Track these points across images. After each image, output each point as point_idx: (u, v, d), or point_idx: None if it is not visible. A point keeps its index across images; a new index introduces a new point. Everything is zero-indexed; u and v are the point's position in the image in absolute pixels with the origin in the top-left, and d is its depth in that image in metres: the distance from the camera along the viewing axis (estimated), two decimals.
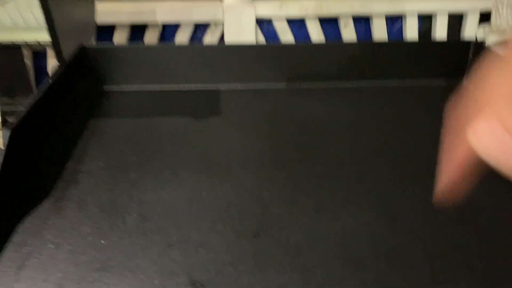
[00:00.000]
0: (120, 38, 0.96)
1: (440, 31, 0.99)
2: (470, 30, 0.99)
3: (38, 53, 0.84)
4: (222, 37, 0.98)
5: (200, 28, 0.99)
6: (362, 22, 1.00)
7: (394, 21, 1.00)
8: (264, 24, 0.99)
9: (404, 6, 0.97)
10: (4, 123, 0.55)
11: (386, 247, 0.37)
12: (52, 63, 0.93)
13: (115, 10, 0.93)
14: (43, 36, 0.70)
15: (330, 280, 0.34)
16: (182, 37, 0.98)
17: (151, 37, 0.98)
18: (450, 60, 0.66)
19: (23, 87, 0.62)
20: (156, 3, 0.97)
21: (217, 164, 0.47)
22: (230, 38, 0.97)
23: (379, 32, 0.99)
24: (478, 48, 0.65)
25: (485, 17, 0.98)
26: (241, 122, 0.56)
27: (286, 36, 0.99)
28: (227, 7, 0.95)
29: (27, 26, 0.73)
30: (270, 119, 0.56)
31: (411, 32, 0.99)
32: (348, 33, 0.99)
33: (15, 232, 0.38)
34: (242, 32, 0.98)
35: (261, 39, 0.99)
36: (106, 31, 0.93)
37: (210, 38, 0.99)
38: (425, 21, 1.00)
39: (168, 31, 1.00)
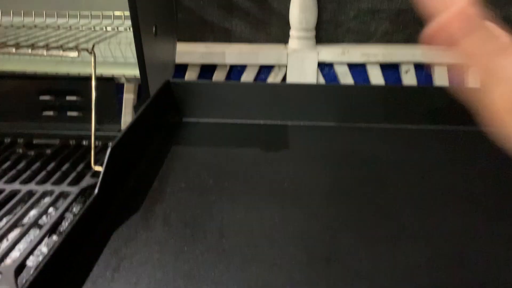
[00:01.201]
0: (191, 76, 1.04)
1: None
2: None
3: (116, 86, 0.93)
4: (284, 79, 1.04)
5: (264, 70, 1.05)
6: (423, 69, 1.02)
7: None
8: (325, 67, 1.04)
9: None
10: (95, 148, 0.62)
11: (452, 283, 0.38)
12: (128, 96, 1.02)
13: (189, 50, 1.01)
14: (129, 71, 0.79)
15: None
16: (247, 78, 1.05)
17: (219, 77, 1.05)
18: None
19: (109, 115, 0.70)
20: (226, 46, 1.05)
21: (286, 192, 0.51)
22: (292, 80, 1.02)
23: (440, 79, 1.01)
24: None
25: None
26: (307, 156, 0.59)
27: (346, 79, 1.02)
28: (291, 51, 1.01)
29: (115, 62, 0.82)
30: (332, 153, 0.59)
31: (472, 80, 1.00)
32: (409, 79, 1.02)
33: (110, 240, 0.43)
34: (304, 75, 1.03)
35: (322, 82, 1.03)
36: (179, 69, 1.01)
37: (273, 80, 1.04)
38: None
39: (235, 71, 1.07)
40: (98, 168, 0.56)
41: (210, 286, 0.37)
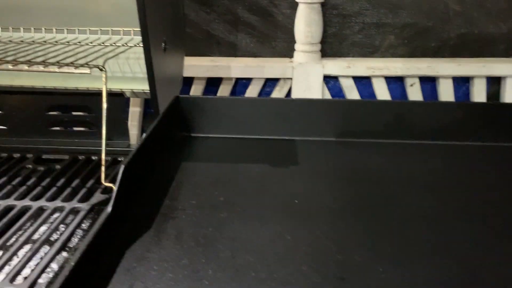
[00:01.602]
0: (196, 89, 1.04)
1: (510, 95, 0.99)
2: None
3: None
4: (289, 92, 1.04)
5: (269, 83, 1.06)
6: (429, 82, 1.02)
7: (461, 83, 1.02)
8: (330, 81, 1.05)
9: (472, 70, 0.99)
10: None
11: None
12: (134, 109, 1.03)
13: (195, 64, 1.02)
14: (138, 86, 0.79)
15: None
16: (252, 91, 1.05)
17: (224, 90, 1.06)
18: None
19: (118, 130, 0.70)
20: (232, 59, 1.06)
21: (297, 209, 0.51)
22: (298, 94, 1.03)
23: (446, 92, 1.01)
24: None
25: None
26: (315, 171, 0.59)
27: (352, 93, 1.03)
28: (296, 64, 1.02)
29: (124, 77, 0.82)
30: (341, 169, 0.60)
31: (478, 94, 1.00)
32: (414, 92, 1.02)
33: (123, 259, 0.43)
34: (309, 88, 1.04)
35: (327, 95, 1.04)
36: (185, 82, 1.02)
37: (278, 93, 1.05)
38: (494, 83, 1.01)
39: (240, 84, 1.07)
40: (108, 184, 0.56)
41: None
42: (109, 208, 0.43)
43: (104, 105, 0.56)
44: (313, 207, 0.51)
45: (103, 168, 0.58)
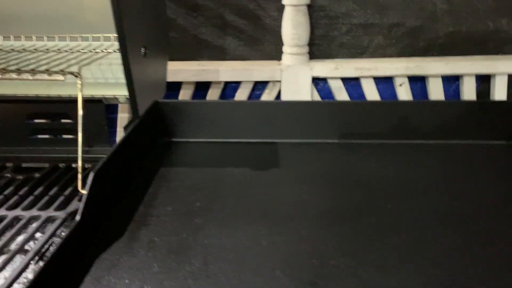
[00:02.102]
0: (185, 94, 1.04)
1: (499, 92, 0.98)
2: None
3: (110, 106, 0.93)
4: (278, 94, 1.04)
5: (258, 86, 1.05)
6: (418, 82, 1.01)
7: (451, 82, 1.01)
8: (319, 83, 1.04)
9: (461, 68, 0.98)
10: (83, 170, 0.61)
11: None
12: (123, 115, 1.02)
13: (183, 68, 1.01)
14: (120, 92, 0.79)
15: None
16: (242, 94, 1.04)
17: (213, 94, 1.05)
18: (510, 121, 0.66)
19: (99, 137, 0.69)
20: (220, 63, 1.05)
21: (276, 214, 0.50)
22: (287, 96, 1.02)
23: (435, 91, 1.00)
24: None
25: None
26: (298, 175, 0.58)
27: (341, 94, 1.02)
28: (285, 67, 1.01)
29: (106, 83, 0.82)
30: (326, 173, 0.58)
31: (468, 92, 0.99)
32: (403, 92, 1.01)
33: (93, 268, 0.42)
34: (298, 90, 1.03)
35: (317, 97, 1.03)
36: (173, 87, 1.01)
37: (268, 96, 1.04)
38: (483, 81, 1.00)
39: (229, 88, 1.06)
40: (85, 191, 0.55)
41: None
42: (77, 217, 0.42)
43: (80, 112, 0.56)
44: (294, 212, 0.50)
45: (79, 176, 0.57)
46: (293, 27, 0.97)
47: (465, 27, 0.98)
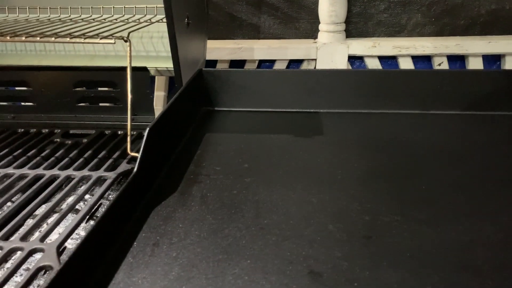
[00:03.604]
0: None
1: None
2: None
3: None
4: None
5: (293, 65, 1.05)
6: (458, 61, 0.99)
7: (492, 61, 0.99)
8: (355, 61, 1.03)
9: (503, 47, 0.96)
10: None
11: (496, 263, 0.36)
12: (159, 93, 1.03)
13: (218, 47, 1.02)
14: (163, 65, 0.80)
15: (442, 282, 0.34)
16: None
17: None
18: None
19: (144, 106, 0.70)
20: (255, 42, 1.06)
21: (323, 175, 0.50)
22: None
23: None
24: None
25: None
26: (341, 142, 0.58)
27: None
28: (320, 45, 1.00)
29: (148, 56, 0.83)
30: (368, 140, 0.58)
31: None
32: None
33: (149, 218, 0.43)
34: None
35: None
36: (208, 65, 1.02)
37: None
38: None
39: (263, 67, 1.07)
40: (134, 153, 0.57)
41: (250, 261, 0.37)
42: (135, 168, 0.43)
43: (129, 74, 0.57)
44: (340, 175, 0.50)
45: (129, 138, 0.58)
46: (330, 4, 0.97)
47: (508, 4, 0.96)
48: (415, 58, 1.00)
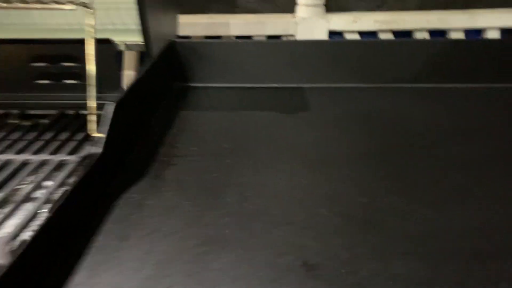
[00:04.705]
0: None
1: None
2: None
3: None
4: None
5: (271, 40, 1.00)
6: (439, 36, 0.96)
7: (474, 36, 0.96)
8: (336, 37, 0.99)
9: (486, 21, 0.93)
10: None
11: (506, 246, 0.32)
12: (128, 73, 0.96)
13: (191, 22, 0.95)
14: (133, 38, 0.73)
15: (456, 271, 0.30)
16: None
17: None
18: None
19: (110, 83, 0.64)
20: (230, 16, 1.00)
21: (313, 154, 0.46)
22: None
23: None
24: None
25: None
26: (328, 118, 0.54)
27: None
28: (300, 20, 0.95)
29: (115, 29, 0.76)
30: (357, 116, 0.54)
31: None
32: None
33: (117, 207, 0.37)
34: None
35: None
36: None
37: None
38: (509, 35, 0.95)
39: None
40: (99, 134, 0.51)
41: (237, 250, 0.32)
42: (99, 149, 0.38)
43: (92, 47, 0.50)
44: (329, 153, 0.46)
45: (93, 118, 0.52)
46: None
47: None
48: (396, 33, 0.97)
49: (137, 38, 0.71)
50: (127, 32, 0.75)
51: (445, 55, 0.61)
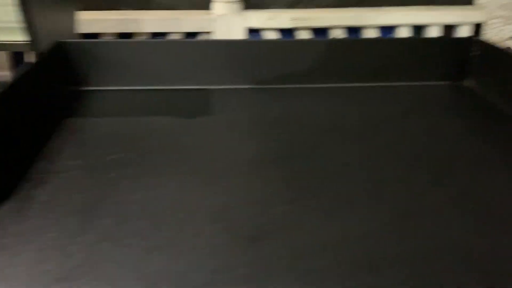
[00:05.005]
0: None
1: None
2: None
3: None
4: None
5: (188, 38, 0.96)
6: (355, 33, 0.98)
7: (387, 33, 0.98)
8: (254, 34, 0.97)
9: (396, 19, 0.96)
10: None
11: (401, 251, 0.32)
12: (3, 73, 0.87)
13: (100, 18, 0.89)
14: (12, 38, 0.66)
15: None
16: None
17: None
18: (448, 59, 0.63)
19: None
20: (144, 12, 0.94)
21: (207, 163, 0.42)
22: None
23: None
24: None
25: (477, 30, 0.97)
26: (231, 122, 0.51)
27: None
28: (216, 17, 0.92)
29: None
30: (262, 119, 0.52)
31: None
32: None
33: None
34: None
35: None
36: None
37: None
38: (418, 32, 0.99)
39: None
40: None
41: (102, 284, 0.28)
42: None
43: None
44: (224, 161, 0.43)
45: None
46: None
47: None
48: (314, 31, 0.96)
49: (16, 37, 0.64)
50: (2, 30, 0.67)
51: (348, 55, 0.61)
